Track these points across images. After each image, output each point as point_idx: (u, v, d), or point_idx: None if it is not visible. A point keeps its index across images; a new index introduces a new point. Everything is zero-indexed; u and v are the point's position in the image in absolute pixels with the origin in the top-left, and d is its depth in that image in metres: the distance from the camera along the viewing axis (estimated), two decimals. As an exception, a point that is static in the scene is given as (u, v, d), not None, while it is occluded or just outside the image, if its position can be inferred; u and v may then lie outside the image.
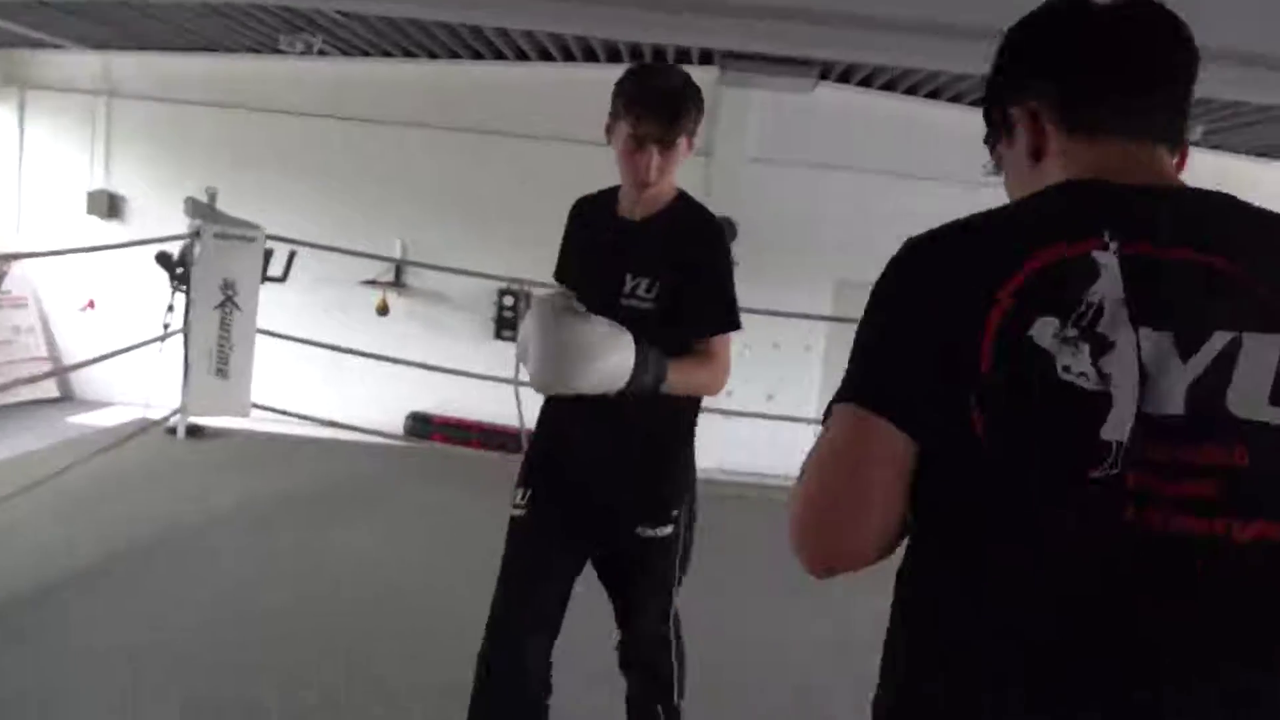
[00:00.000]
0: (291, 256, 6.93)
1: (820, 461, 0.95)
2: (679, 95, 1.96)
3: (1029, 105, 1.01)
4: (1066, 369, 0.83)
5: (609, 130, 2.03)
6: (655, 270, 2.01)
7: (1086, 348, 0.83)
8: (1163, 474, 0.82)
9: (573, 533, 2.12)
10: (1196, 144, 8.60)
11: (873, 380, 0.95)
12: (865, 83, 8.94)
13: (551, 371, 1.92)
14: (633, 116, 1.94)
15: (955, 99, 8.74)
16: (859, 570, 0.96)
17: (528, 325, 1.98)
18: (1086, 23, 0.97)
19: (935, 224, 1.01)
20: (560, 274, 2.26)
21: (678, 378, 1.97)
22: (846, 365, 0.99)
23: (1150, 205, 0.91)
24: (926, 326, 0.91)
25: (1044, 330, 0.84)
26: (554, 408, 2.15)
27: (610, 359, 1.87)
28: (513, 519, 2.16)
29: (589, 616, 2.25)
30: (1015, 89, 1.04)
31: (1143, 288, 0.85)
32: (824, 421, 0.97)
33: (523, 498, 2.15)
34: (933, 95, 8.90)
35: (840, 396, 0.96)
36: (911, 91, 8.93)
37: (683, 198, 2.11)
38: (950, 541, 0.91)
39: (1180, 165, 1.01)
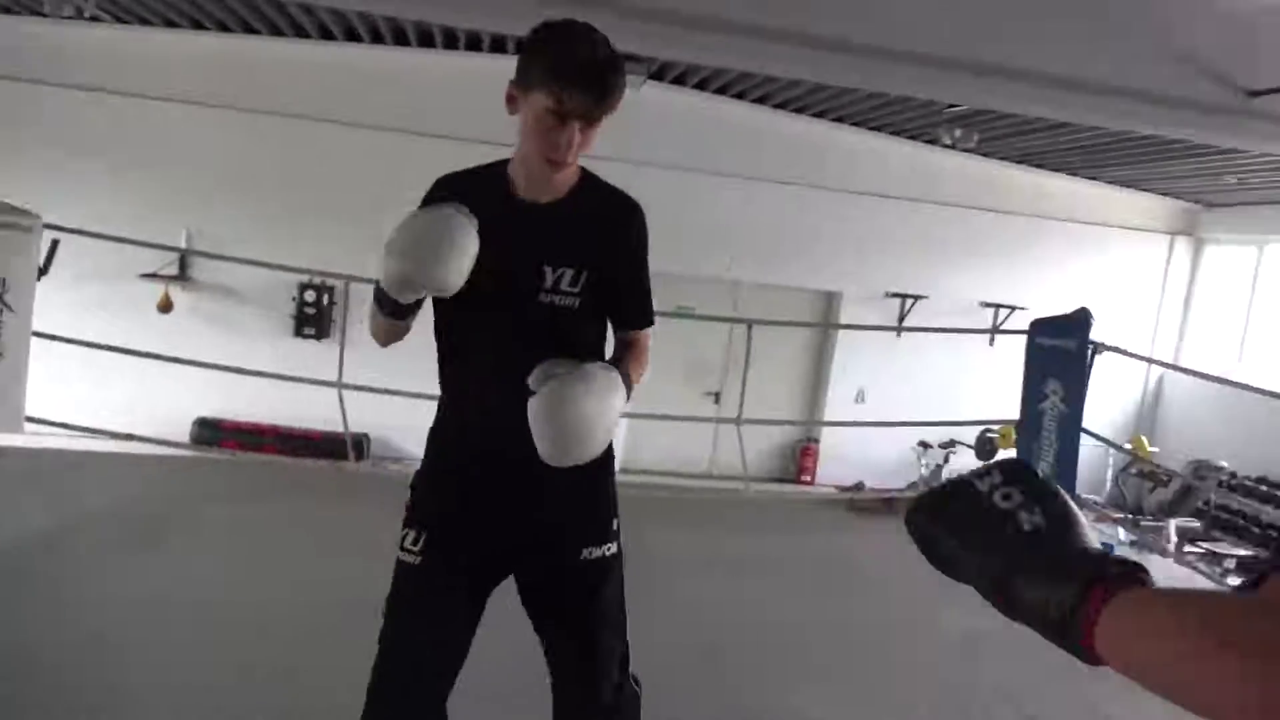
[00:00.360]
0: (54, 246, 6.13)
1: None
2: (610, 67, 1.69)
3: None
4: None
5: (512, 100, 1.72)
6: (578, 259, 1.78)
7: None
8: None
9: (481, 575, 1.85)
10: (970, 150, 9.35)
11: None
12: (701, 86, 9.09)
13: (572, 452, 1.61)
14: (556, 88, 1.64)
15: (782, 106, 9.19)
16: None
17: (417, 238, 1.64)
18: None
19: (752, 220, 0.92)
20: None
21: (631, 386, 1.74)
22: None
23: None
24: None
25: None
26: (464, 427, 1.87)
27: (616, 412, 1.65)
28: (403, 565, 1.84)
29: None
30: None
31: None
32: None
33: (414, 541, 1.83)
34: (761, 100, 9.23)
35: None
36: (740, 96, 9.23)
37: (588, 177, 1.84)
38: None
39: None
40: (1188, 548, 8.20)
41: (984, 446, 9.69)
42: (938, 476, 9.54)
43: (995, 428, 9.85)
